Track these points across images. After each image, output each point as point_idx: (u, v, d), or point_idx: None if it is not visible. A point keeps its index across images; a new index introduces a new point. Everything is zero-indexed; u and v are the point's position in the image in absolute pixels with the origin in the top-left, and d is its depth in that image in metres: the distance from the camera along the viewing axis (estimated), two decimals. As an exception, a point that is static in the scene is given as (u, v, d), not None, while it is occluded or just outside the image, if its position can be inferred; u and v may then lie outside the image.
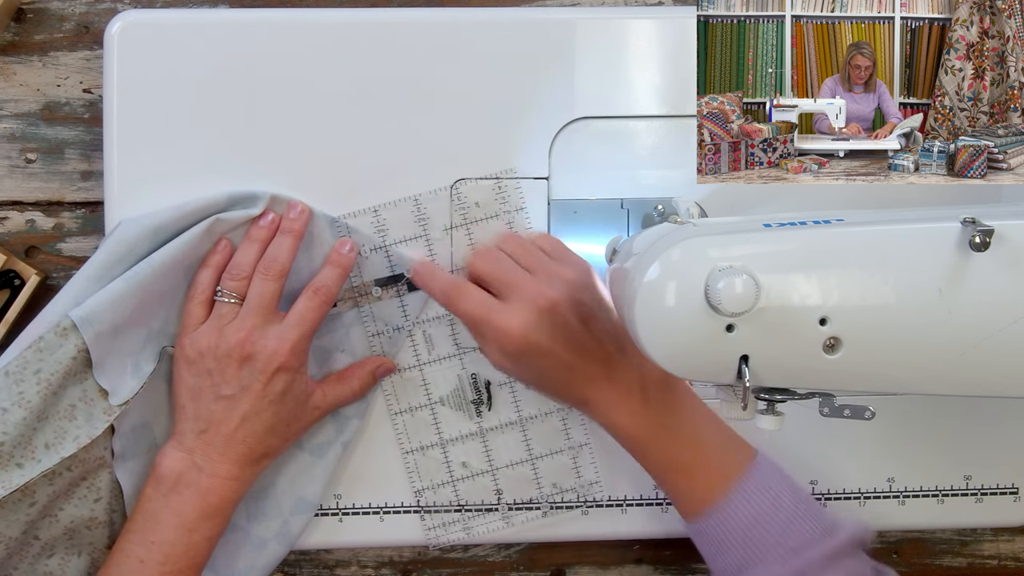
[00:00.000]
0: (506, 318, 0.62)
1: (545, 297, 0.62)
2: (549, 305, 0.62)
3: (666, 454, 0.65)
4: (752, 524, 0.63)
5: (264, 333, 0.64)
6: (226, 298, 0.65)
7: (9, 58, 0.72)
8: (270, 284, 0.65)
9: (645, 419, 0.64)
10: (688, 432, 0.65)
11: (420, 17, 0.70)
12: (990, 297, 0.52)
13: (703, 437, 0.65)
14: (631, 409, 0.64)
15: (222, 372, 0.64)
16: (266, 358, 0.63)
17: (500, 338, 0.62)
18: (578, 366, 0.64)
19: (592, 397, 0.64)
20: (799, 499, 0.64)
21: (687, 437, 0.65)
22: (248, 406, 0.64)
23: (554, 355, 0.63)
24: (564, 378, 0.64)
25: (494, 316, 0.62)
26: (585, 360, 0.64)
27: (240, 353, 0.63)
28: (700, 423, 0.66)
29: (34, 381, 0.61)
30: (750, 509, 0.63)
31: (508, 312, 0.62)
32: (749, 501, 0.63)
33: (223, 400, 0.64)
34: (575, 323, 0.63)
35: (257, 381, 0.63)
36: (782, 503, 0.63)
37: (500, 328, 0.62)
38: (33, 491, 0.63)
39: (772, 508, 0.63)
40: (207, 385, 0.64)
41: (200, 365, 0.64)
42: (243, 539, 0.69)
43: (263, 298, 0.65)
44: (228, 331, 0.64)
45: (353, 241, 0.69)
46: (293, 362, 0.64)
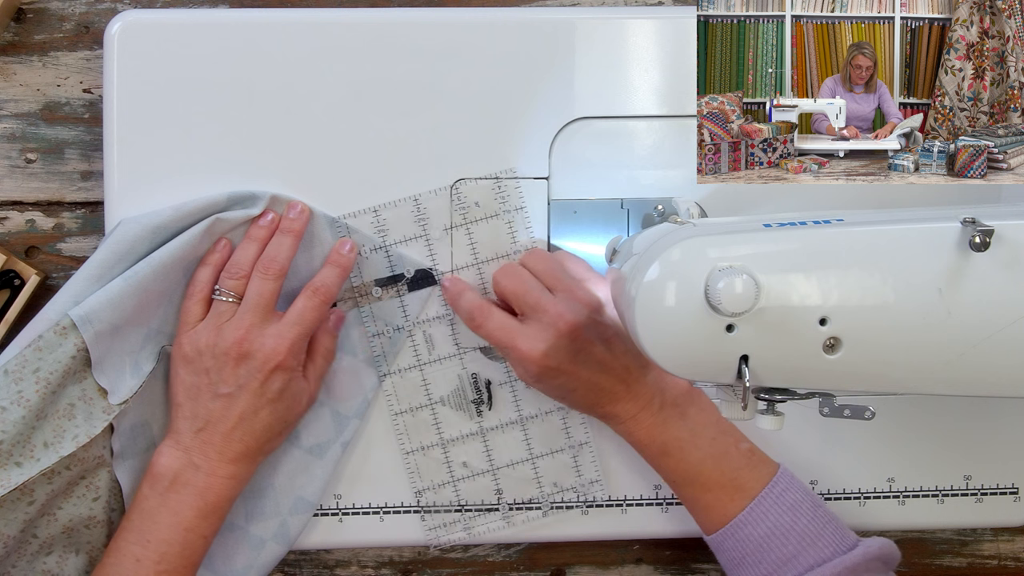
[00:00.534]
0: (527, 343, 0.64)
1: (565, 320, 0.63)
2: (568, 329, 0.63)
3: (685, 468, 0.65)
4: (770, 539, 0.64)
5: (262, 332, 0.64)
6: (224, 297, 0.65)
7: (9, 58, 0.72)
8: (268, 283, 0.65)
9: (665, 433, 0.65)
10: (707, 446, 0.65)
11: (420, 17, 0.70)
12: (990, 297, 0.52)
13: (723, 452, 0.66)
14: (651, 423, 0.65)
15: (219, 370, 0.64)
16: (264, 357, 0.63)
17: (523, 361, 0.64)
18: (600, 384, 0.65)
19: (614, 412, 0.66)
20: (818, 515, 0.64)
21: (706, 451, 0.65)
22: (245, 404, 0.64)
23: (575, 375, 0.64)
24: (586, 395, 0.66)
25: (516, 340, 0.64)
26: (606, 378, 0.65)
27: (238, 351, 0.63)
28: (720, 438, 0.66)
29: (33, 380, 0.61)
30: (768, 525, 0.64)
31: (529, 336, 0.64)
32: (767, 516, 0.64)
33: (221, 398, 0.64)
34: (596, 344, 0.64)
35: (254, 380, 0.63)
36: (800, 519, 0.64)
37: (522, 352, 0.64)
38: (32, 490, 0.63)
39: (791, 524, 0.64)
40: (205, 383, 0.64)
41: (198, 363, 0.64)
42: (241, 538, 0.69)
43: (261, 297, 0.65)
44: (226, 329, 0.64)
45: (353, 241, 0.69)
46: (291, 361, 0.64)
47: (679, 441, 0.65)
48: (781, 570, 0.63)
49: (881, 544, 0.64)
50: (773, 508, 0.64)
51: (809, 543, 0.63)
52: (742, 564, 0.65)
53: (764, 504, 0.64)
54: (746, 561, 0.64)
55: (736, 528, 0.64)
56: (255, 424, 0.64)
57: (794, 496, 0.65)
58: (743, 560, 0.64)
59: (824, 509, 0.65)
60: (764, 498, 0.64)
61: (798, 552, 0.63)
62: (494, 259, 0.71)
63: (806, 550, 0.63)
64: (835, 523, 0.65)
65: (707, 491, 0.65)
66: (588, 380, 0.65)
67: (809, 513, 0.64)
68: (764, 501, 0.64)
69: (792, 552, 0.63)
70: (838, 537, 0.64)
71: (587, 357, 0.64)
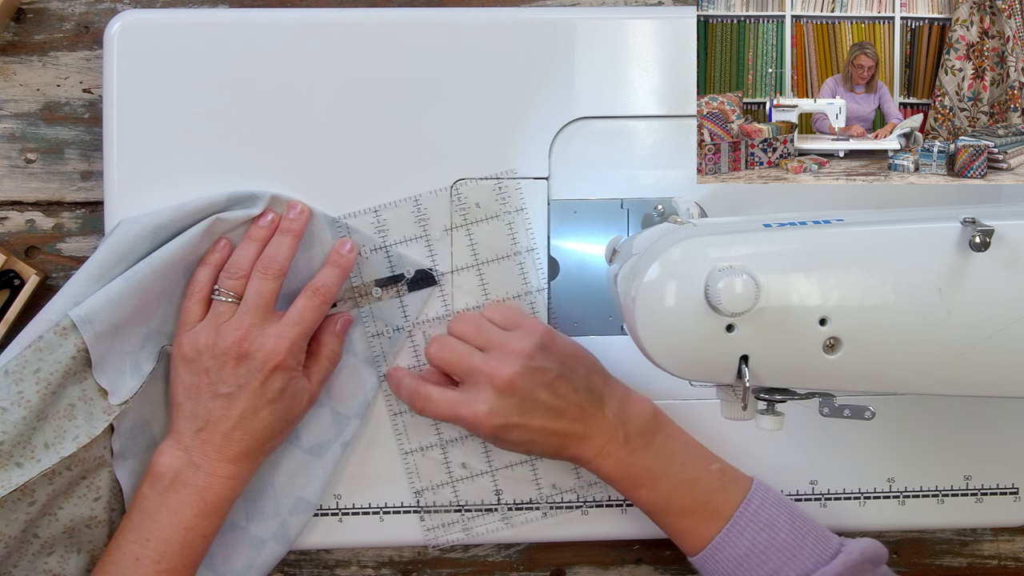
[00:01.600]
0: (469, 408, 0.65)
1: (500, 376, 0.64)
2: (505, 383, 0.64)
3: (657, 498, 0.66)
4: (749, 558, 0.64)
5: (262, 332, 0.64)
6: (223, 296, 0.65)
7: (9, 58, 0.72)
8: (268, 283, 0.65)
9: (633, 467, 0.66)
10: (678, 474, 0.66)
11: (420, 17, 0.70)
12: (990, 297, 0.52)
13: (693, 477, 0.66)
14: (619, 456, 0.65)
15: (219, 370, 0.63)
16: (264, 357, 0.63)
17: (472, 426, 0.65)
18: (556, 429, 0.65)
19: (579, 454, 0.66)
20: (796, 527, 0.65)
21: (677, 479, 0.66)
22: (245, 404, 0.64)
23: (526, 427, 0.64)
24: (547, 443, 0.66)
25: (458, 409, 0.65)
26: (561, 422, 0.65)
27: (237, 351, 0.63)
28: (690, 463, 0.66)
29: (33, 380, 0.61)
30: (746, 544, 0.64)
31: (469, 401, 0.65)
32: (744, 537, 0.64)
33: (220, 398, 0.64)
34: (539, 391, 0.64)
35: (254, 379, 0.63)
36: (778, 535, 0.64)
37: (467, 418, 0.65)
38: (33, 490, 0.63)
39: (768, 541, 0.64)
40: (204, 383, 0.64)
41: (198, 363, 0.64)
42: (241, 538, 0.69)
43: (261, 297, 0.65)
44: (225, 329, 0.64)
45: (353, 241, 0.69)
46: (290, 361, 0.64)
47: (649, 472, 0.65)
48: None
49: (864, 547, 0.64)
50: (749, 527, 0.64)
51: (790, 557, 0.64)
52: None
53: (739, 525, 0.64)
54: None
55: (715, 551, 0.64)
56: (255, 424, 0.64)
57: (770, 512, 0.65)
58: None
59: (803, 519, 0.65)
60: (739, 519, 0.64)
61: (779, 567, 0.63)
62: (494, 260, 0.71)
63: (787, 564, 0.63)
64: (815, 532, 0.65)
65: (682, 517, 0.66)
66: (542, 428, 0.65)
67: (787, 527, 0.64)
68: (739, 522, 0.64)
69: (773, 568, 0.64)
70: (819, 547, 0.64)
71: (533, 406, 0.64)
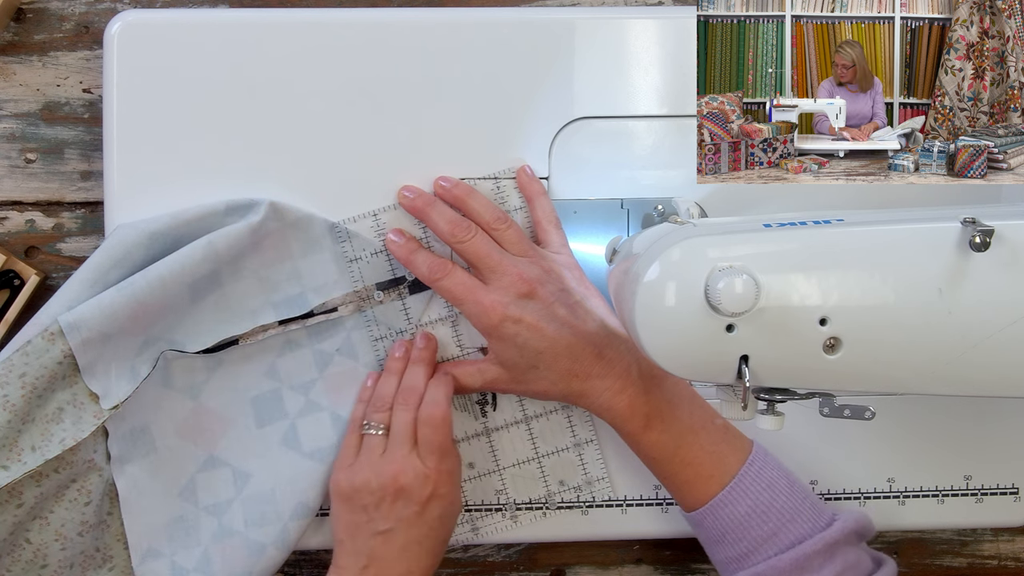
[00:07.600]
0: (487, 294, 0.65)
1: (525, 279, 0.64)
2: (528, 289, 0.64)
3: (665, 443, 0.65)
4: (750, 518, 0.64)
5: (413, 464, 0.64)
6: (373, 430, 0.66)
7: (9, 58, 0.72)
8: (409, 413, 0.66)
9: (646, 406, 0.65)
10: (686, 420, 0.65)
11: (420, 17, 0.70)
12: (990, 297, 0.52)
13: (701, 425, 0.66)
14: (632, 392, 0.65)
15: (377, 507, 0.64)
16: (419, 488, 0.64)
17: (482, 314, 0.64)
18: (570, 346, 0.64)
19: (589, 384, 0.65)
20: (795, 493, 0.65)
21: (685, 426, 0.65)
22: (406, 537, 0.64)
23: (539, 330, 0.64)
24: (556, 362, 0.65)
25: (476, 292, 0.65)
26: (576, 340, 0.64)
27: (394, 486, 0.64)
28: (697, 411, 0.66)
29: (18, 384, 0.62)
30: (748, 504, 0.64)
31: (488, 290, 0.65)
32: (747, 495, 0.64)
33: (380, 536, 0.64)
34: (559, 306, 0.65)
35: (412, 512, 0.64)
36: (779, 497, 0.64)
37: (482, 303, 0.64)
38: (20, 492, 0.64)
39: (769, 502, 0.64)
40: (363, 520, 0.64)
41: (356, 501, 0.64)
42: (241, 544, 0.69)
43: (408, 427, 0.65)
44: (380, 465, 0.64)
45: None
46: (443, 488, 0.65)
47: (660, 412, 0.65)
48: (761, 548, 0.64)
49: (857, 517, 0.65)
50: (752, 487, 0.64)
51: (788, 520, 0.63)
52: (722, 542, 0.65)
53: (744, 483, 0.64)
54: (726, 539, 0.64)
55: (716, 507, 0.64)
56: (418, 552, 0.64)
57: (771, 474, 0.65)
58: (723, 538, 0.64)
59: (799, 485, 0.65)
60: (743, 476, 0.64)
61: (777, 530, 0.63)
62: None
63: (785, 527, 0.63)
64: (811, 499, 0.65)
65: (687, 466, 0.65)
66: (555, 338, 0.64)
67: (786, 491, 0.64)
68: (743, 480, 0.64)
69: (771, 530, 0.63)
70: (815, 513, 0.64)
71: (551, 316, 0.64)
